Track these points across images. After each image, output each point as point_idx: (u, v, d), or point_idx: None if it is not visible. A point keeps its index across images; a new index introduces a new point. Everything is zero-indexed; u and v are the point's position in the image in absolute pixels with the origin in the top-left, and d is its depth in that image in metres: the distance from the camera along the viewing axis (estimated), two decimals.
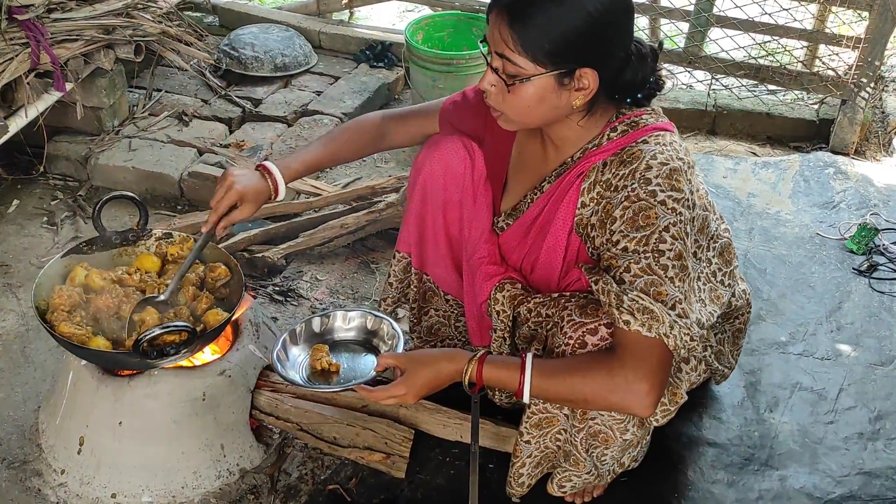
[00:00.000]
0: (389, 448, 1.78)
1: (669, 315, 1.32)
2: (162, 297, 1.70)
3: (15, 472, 1.81)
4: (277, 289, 2.37)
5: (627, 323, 1.32)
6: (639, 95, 1.45)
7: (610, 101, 1.46)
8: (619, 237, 1.38)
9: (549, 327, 1.51)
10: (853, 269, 2.51)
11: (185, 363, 1.73)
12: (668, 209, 1.36)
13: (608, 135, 1.47)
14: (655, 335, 1.32)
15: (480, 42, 1.43)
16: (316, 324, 1.77)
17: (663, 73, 1.52)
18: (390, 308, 1.98)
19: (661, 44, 1.52)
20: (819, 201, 2.84)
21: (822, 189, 2.91)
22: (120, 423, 1.71)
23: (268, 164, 1.66)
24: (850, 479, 1.85)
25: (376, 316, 1.76)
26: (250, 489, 1.79)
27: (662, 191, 1.36)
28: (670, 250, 1.35)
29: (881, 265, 2.52)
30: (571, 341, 1.43)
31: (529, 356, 1.40)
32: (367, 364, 1.69)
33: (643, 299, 1.32)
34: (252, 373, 1.83)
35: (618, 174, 1.41)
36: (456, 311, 1.92)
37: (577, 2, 1.31)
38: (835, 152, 3.17)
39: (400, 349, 1.66)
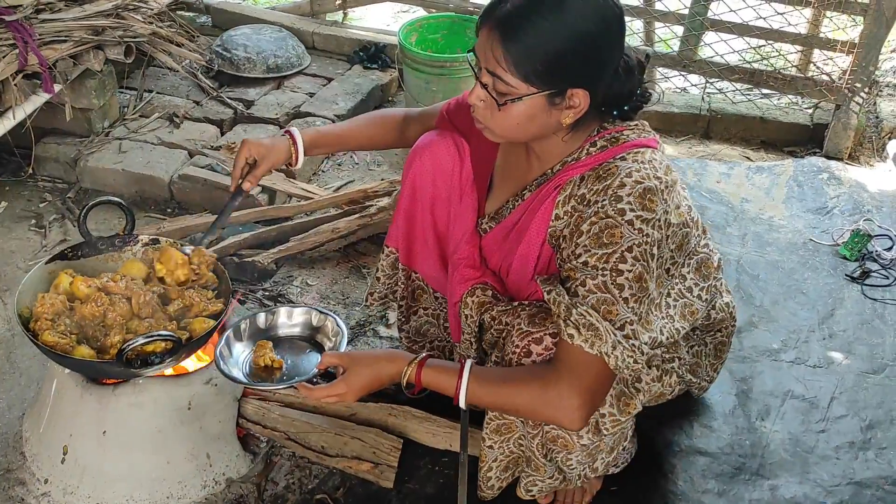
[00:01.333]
0: (378, 457, 1.77)
1: (614, 335, 1.33)
2: (202, 246, 1.78)
3: None
4: (267, 294, 2.36)
5: (571, 336, 1.34)
6: (625, 108, 1.44)
7: (595, 114, 1.44)
8: (581, 251, 1.38)
9: (504, 335, 1.52)
10: (846, 275, 2.50)
11: (170, 370, 1.72)
12: (634, 229, 1.35)
13: (587, 149, 1.46)
14: (597, 353, 1.33)
15: (469, 52, 1.42)
16: (261, 320, 1.74)
17: (655, 83, 1.51)
18: (377, 303, 1.97)
19: (647, 56, 1.51)
20: (812, 207, 2.83)
21: (815, 194, 2.90)
22: (104, 432, 1.69)
23: (292, 129, 1.75)
24: (840, 489, 1.84)
25: (321, 312, 1.74)
26: (237, 499, 1.77)
27: (632, 210, 1.35)
28: (630, 271, 1.34)
29: (874, 272, 2.51)
30: (518, 349, 1.45)
31: (469, 363, 1.41)
32: (311, 361, 1.67)
33: (591, 315, 1.33)
34: None
35: (592, 189, 1.41)
36: (445, 310, 1.91)
37: (572, 22, 1.30)
38: (829, 157, 3.16)
39: (343, 346, 1.64)
